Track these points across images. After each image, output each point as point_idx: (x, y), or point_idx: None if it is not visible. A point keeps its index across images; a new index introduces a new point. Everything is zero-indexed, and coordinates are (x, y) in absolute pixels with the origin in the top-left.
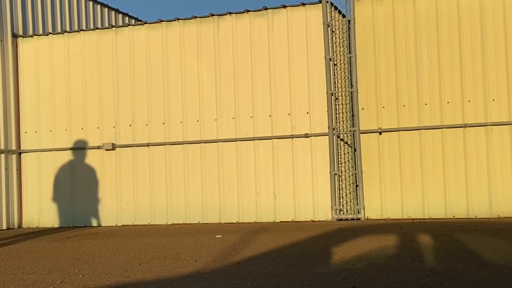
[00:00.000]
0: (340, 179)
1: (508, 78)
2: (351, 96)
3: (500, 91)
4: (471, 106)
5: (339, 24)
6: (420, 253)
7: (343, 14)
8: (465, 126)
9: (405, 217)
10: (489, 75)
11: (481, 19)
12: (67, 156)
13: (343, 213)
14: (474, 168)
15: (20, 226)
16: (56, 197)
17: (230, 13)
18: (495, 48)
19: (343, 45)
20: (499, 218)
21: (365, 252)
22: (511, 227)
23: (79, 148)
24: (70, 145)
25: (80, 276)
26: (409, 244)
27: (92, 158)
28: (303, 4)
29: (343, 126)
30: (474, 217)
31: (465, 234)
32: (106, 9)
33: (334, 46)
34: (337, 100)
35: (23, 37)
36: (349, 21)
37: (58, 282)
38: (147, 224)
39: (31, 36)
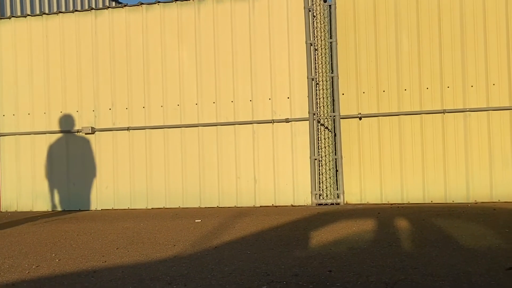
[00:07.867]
0: (320, 164)
1: (487, 64)
2: (332, 81)
3: (479, 77)
4: (450, 92)
5: (320, 9)
6: (397, 237)
7: None
8: (443, 111)
9: (384, 202)
10: (468, 61)
11: (461, 5)
12: (46, 140)
13: (323, 198)
14: (452, 154)
15: None
16: (34, 181)
17: None
18: (474, 34)
19: (324, 30)
20: (476, 203)
21: (343, 237)
22: (487, 212)
23: (58, 131)
24: (49, 129)
25: (57, 260)
26: (387, 229)
27: (71, 142)
28: None
29: (323, 111)
30: (451, 202)
31: (442, 219)
32: None
33: (315, 31)
34: (317, 85)
35: (1, 18)
36: (330, 5)
37: (34, 267)
38: (127, 208)
39: (9, 18)
